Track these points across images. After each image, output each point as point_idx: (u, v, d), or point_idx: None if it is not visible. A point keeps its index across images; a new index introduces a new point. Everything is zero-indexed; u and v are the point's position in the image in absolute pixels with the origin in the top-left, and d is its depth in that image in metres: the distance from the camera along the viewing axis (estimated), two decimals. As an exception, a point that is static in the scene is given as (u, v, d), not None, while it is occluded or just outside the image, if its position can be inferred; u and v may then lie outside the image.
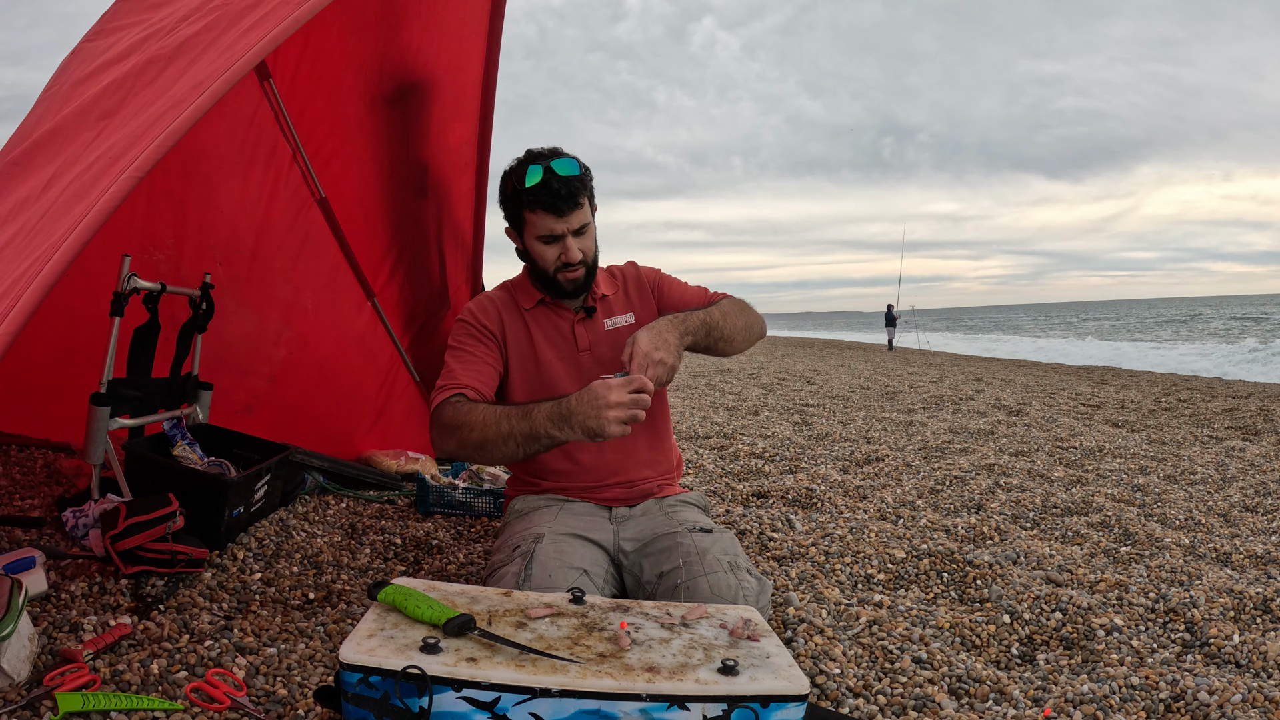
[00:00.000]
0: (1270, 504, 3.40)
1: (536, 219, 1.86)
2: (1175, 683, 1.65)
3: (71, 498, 2.38)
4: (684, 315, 1.85)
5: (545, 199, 1.82)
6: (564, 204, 1.82)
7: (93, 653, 1.51)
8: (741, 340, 1.99)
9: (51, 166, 1.30)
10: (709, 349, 1.93)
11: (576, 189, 1.84)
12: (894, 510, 3.09)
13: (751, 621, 1.35)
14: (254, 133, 2.68)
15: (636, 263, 2.15)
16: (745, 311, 2.03)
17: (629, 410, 1.60)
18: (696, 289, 2.11)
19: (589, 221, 1.91)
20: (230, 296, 2.79)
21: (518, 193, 1.85)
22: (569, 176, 1.82)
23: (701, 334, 1.86)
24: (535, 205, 1.84)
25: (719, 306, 1.96)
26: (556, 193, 1.81)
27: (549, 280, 1.94)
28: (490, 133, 3.12)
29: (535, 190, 1.82)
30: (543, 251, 1.89)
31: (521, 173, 1.84)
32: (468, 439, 1.74)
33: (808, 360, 15.62)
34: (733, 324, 1.95)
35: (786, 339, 33.66)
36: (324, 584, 2.07)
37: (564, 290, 1.94)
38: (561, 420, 1.64)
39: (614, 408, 1.59)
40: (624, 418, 1.60)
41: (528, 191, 1.83)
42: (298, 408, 3.26)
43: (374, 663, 1.12)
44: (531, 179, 1.81)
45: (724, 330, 1.92)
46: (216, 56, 1.25)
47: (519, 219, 1.90)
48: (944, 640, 1.90)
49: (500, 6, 2.85)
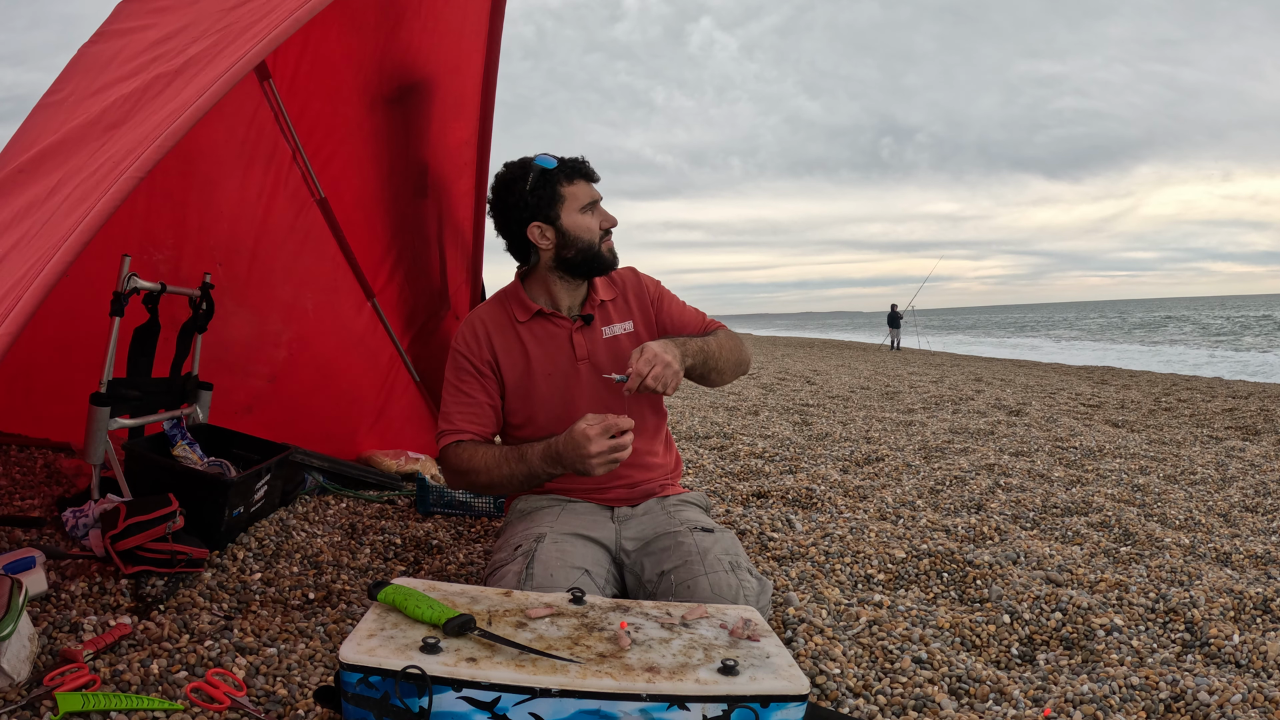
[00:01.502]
0: (1270, 504, 3.40)
1: (577, 189, 1.90)
2: (1175, 683, 1.65)
3: (71, 498, 2.38)
4: (684, 339, 1.89)
5: (580, 169, 1.90)
6: (593, 172, 1.92)
7: (93, 653, 1.51)
8: (730, 374, 2.03)
9: (57, 174, 1.30)
10: (702, 377, 1.99)
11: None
12: (894, 510, 3.10)
13: (751, 621, 1.35)
14: (254, 133, 2.68)
15: (637, 269, 2.13)
16: (738, 348, 2.07)
17: (609, 456, 1.68)
18: (694, 311, 2.13)
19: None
20: (230, 297, 2.79)
21: (544, 174, 1.87)
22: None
23: (699, 359, 1.90)
24: (574, 176, 1.89)
25: (716, 337, 2.00)
26: (583, 164, 1.91)
27: (595, 254, 1.93)
28: (490, 133, 3.12)
29: (565, 165, 1.88)
30: (588, 222, 1.91)
31: (529, 167, 1.88)
32: (477, 482, 1.89)
33: (808, 360, 15.62)
34: (726, 357, 2.00)
35: (786, 339, 33.66)
36: (324, 584, 2.07)
37: (607, 262, 1.95)
38: (554, 461, 1.76)
39: (594, 456, 1.67)
40: (605, 462, 1.68)
41: (560, 167, 1.88)
42: (298, 408, 3.26)
43: (374, 663, 1.12)
44: (550, 161, 1.88)
45: (718, 361, 1.97)
46: (219, 65, 1.25)
47: (553, 199, 1.88)
48: (944, 640, 1.90)
49: (500, 6, 2.84)
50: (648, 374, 1.71)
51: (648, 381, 1.72)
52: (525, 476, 1.82)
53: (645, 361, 1.72)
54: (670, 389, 1.76)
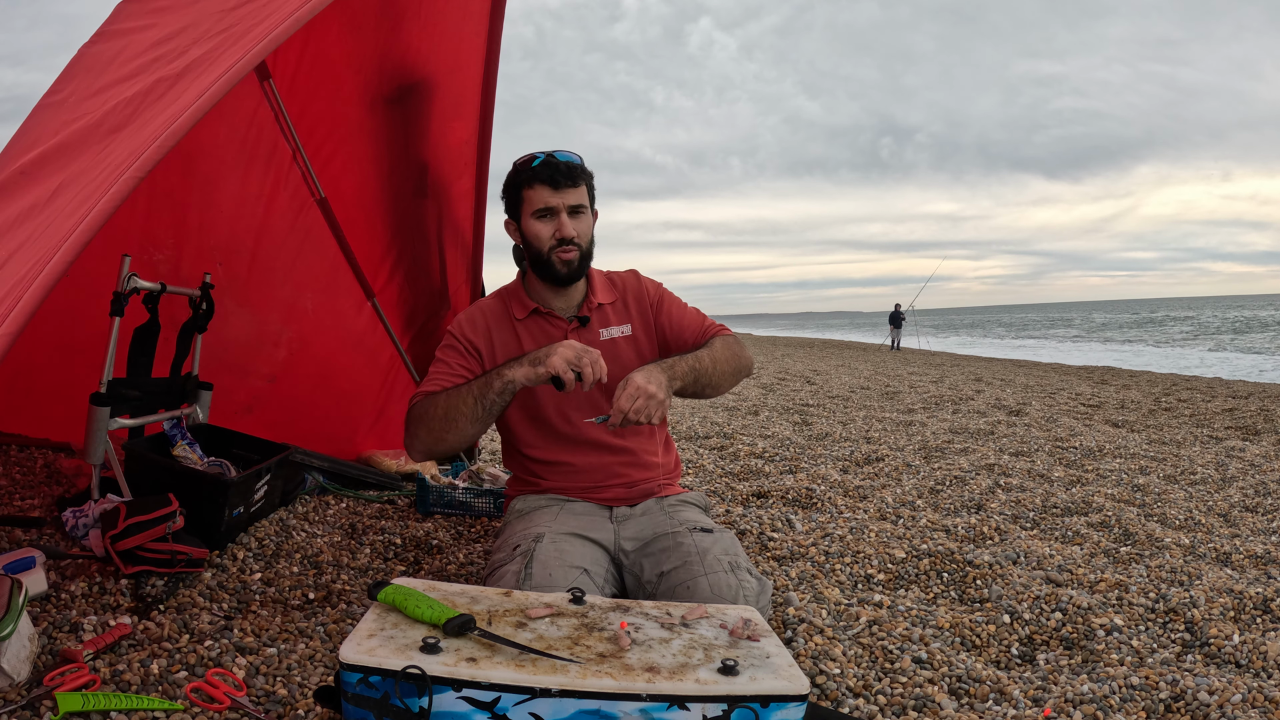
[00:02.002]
0: (1270, 504, 3.40)
1: (533, 194, 1.90)
2: (1175, 683, 1.65)
3: (71, 498, 2.38)
4: (674, 361, 1.86)
5: (543, 174, 1.88)
6: (561, 178, 1.87)
7: (93, 653, 1.51)
8: (728, 384, 2.00)
9: (59, 176, 1.30)
10: (695, 394, 1.97)
11: (575, 171, 1.90)
12: (894, 510, 3.10)
13: (751, 621, 1.35)
14: (254, 133, 2.68)
15: (639, 272, 2.13)
16: (735, 356, 2.02)
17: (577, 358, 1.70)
18: (694, 313, 2.11)
19: (585, 205, 1.93)
20: (230, 297, 2.79)
21: (518, 173, 1.91)
22: (568, 160, 1.90)
23: (689, 379, 1.87)
24: (533, 180, 1.89)
25: (710, 350, 1.95)
26: (556, 168, 1.87)
27: (543, 262, 1.92)
28: (490, 132, 3.12)
29: (535, 168, 1.89)
30: (539, 229, 1.90)
31: (525, 161, 1.92)
32: (435, 414, 1.83)
33: (808, 360, 15.62)
34: (722, 369, 1.96)
35: (786, 339, 33.65)
36: (324, 584, 2.07)
37: (558, 273, 1.92)
38: (515, 362, 1.78)
39: (560, 350, 1.71)
40: (568, 360, 1.70)
41: (528, 169, 1.90)
42: (298, 408, 3.27)
43: (374, 663, 1.12)
44: (532, 162, 1.90)
45: (711, 376, 1.94)
46: (220, 68, 1.25)
47: (517, 200, 1.93)
48: (944, 640, 1.90)
49: (500, 6, 2.84)
50: (629, 409, 1.70)
51: (629, 416, 1.70)
52: (480, 386, 1.80)
53: (627, 397, 1.70)
54: (655, 420, 1.73)
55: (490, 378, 1.80)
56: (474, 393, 1.80)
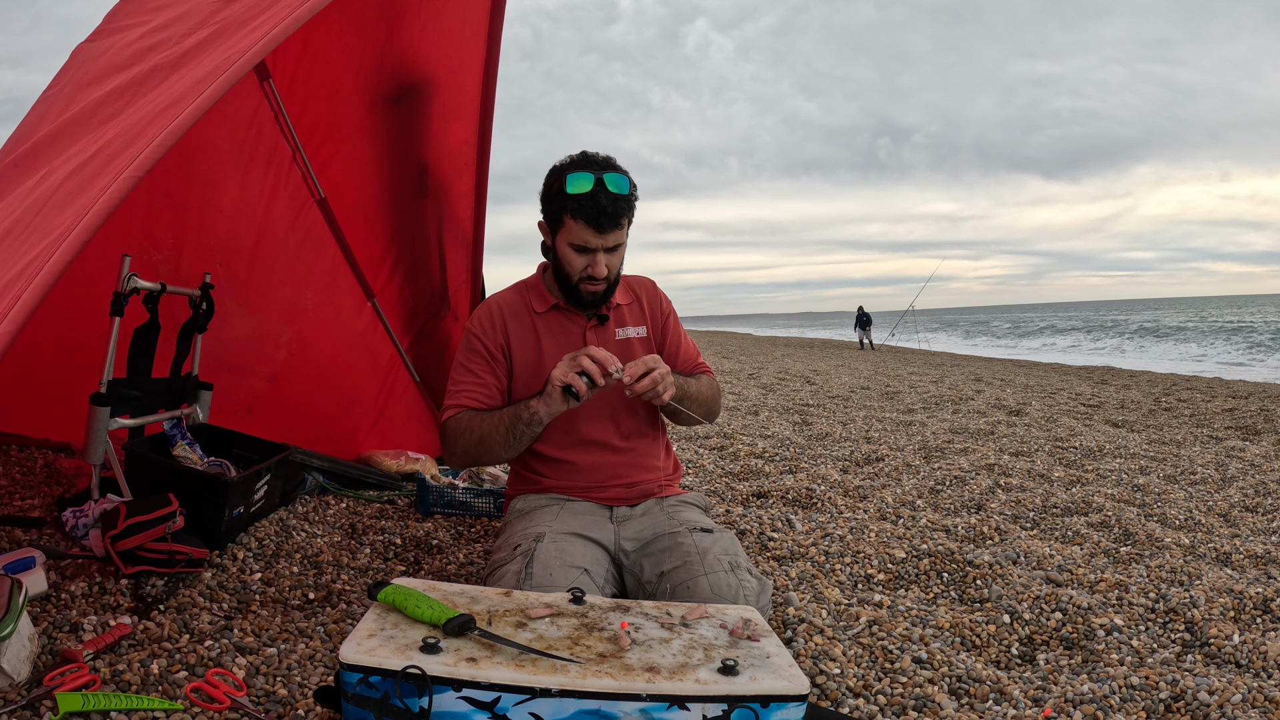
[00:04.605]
0: (1270, 504, 3.40)
1: (576, 227, 1.83)
2: (1175, 683, 1.65)
3: (71, 498, 2.38)
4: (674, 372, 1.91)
5: (589, 211, 1.78)
6: (606, 221, 1.80)
7: (93, 653, 1.51)
8: (698, 418, 2.02)
9: (50, 165, 1.30)
10: (673, 415, 2.03)
11: (622, 209, 1.81)
12: (894, 510, 3.09)
13: (751, 621, 1.35)
14: (254, 133, 2.68)
15: (656, 284, 2.17)
16: (714, 397, 2.11)
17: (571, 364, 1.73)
18: (692, 345, 2.18)
19: (623, 242, 1.90)
20: (230, 297, 2.79)
21: (563, 194, 1.81)
22: (618, 195, 1.79)
23: (679, 395, 1.90)
24: (578, 214, 1.80)
25: (697, 381, 2.03)
26: (603, 209, 1.78)
27: (570, 287, 1.93)
28: (490, 133, 3.12)
29: (582, 199, 1.78)
30: (572, 259, 1.88)
31: (571, 174, 1.81)
32: (470, 439, 1.90)
33: (808, 360, 15.62)
34: (701, 401, 2.02)
35: (786, 339, 33.64)
36: (324, 584, 2.07)
37: (582, 300, 1.95)
38: (535, 397, 1.80)
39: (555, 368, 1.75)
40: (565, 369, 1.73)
41: (574, 198, 1.78)
42: (298, 408, 3.26)
43: (374, 663, 1.12)
44: (580, 186, 1.78)
45: (691, 404, 1.98)
46: (216, 57, 1.25)
47: (557, 219, 1.86)
48: (944, 640, 1.90)
49: (500, 7, 2.85)
50: (654, 370, 1.75)
51: (646, 381, 1.74)
52: (510, 417, 1.84)
53: (653, 359, 1.77)
54: (664, 397, 1.78)
55: (519, 409, 1.84)
56: (505, 424, 1.85)
